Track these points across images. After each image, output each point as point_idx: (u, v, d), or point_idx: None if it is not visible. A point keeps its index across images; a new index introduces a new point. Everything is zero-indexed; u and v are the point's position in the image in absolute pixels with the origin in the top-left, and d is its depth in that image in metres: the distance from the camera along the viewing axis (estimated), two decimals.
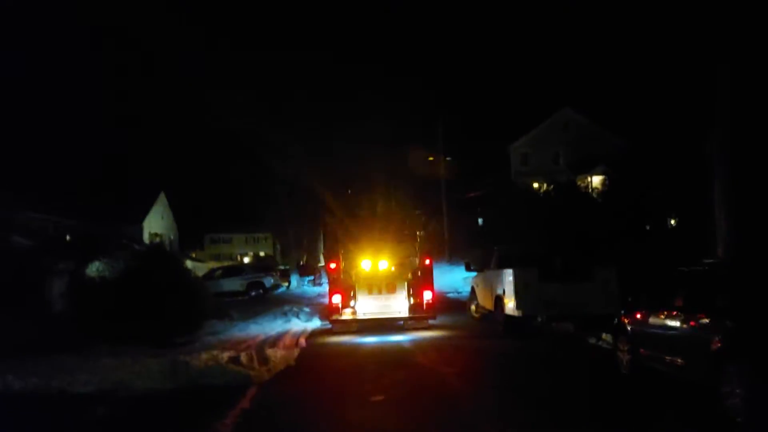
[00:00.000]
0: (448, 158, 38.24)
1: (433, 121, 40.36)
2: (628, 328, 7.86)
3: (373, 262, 14.22)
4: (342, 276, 14.11)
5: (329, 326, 13.99)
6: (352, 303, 13.67)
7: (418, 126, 41.94)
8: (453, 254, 39.38)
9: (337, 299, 13.60)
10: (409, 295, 13.74)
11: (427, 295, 13.67)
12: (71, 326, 11.99)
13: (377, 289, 13.60)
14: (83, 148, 38.86)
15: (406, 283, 13.79)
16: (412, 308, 13.69)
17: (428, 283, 13.89)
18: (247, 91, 29.24)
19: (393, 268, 14.19)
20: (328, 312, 14.18)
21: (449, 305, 18.58)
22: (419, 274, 14.14)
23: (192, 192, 51.59)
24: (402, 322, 13.63)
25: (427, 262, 14.39)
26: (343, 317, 13.57)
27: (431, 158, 39.01)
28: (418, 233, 15.28)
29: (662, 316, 7.06)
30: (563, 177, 30.21)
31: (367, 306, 13.52)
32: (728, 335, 5.79)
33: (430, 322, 13.80)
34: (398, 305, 13.55)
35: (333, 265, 14.43)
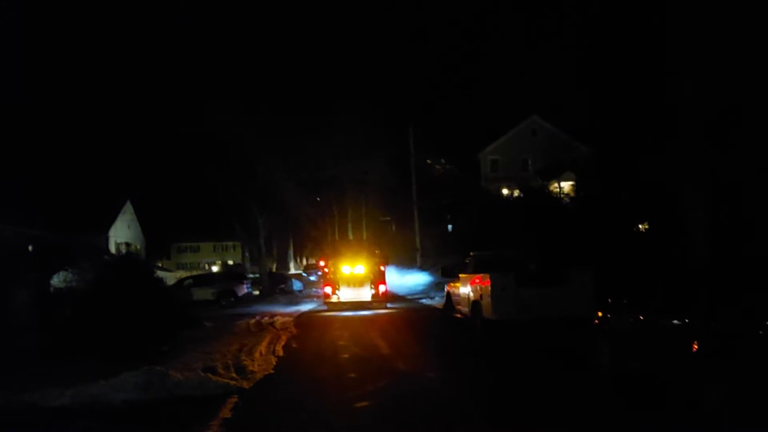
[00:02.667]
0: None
1: (403, 130, 40.57)
2: (608, 331, 7.98)
3: (351, 267, 21.47)
4: (331, 276, 21.81)
5: (324, 307, 21.75)
6: (337, 292, 21.32)
7: (388, 134, 41.99)
8: (424, 261, 39.50)
9: (328, 290, 21.61)
10: (371, 288, 21.25)
11: (382, 288, 21.40)
12: (39, 338, 11.61)
13: (352, 284, 21.23)
14: (44, 154, 37.76)
15: (369, 281, 21.29)
16: (373, 296, 21.19)
17: (383, 281, 21.58)
18: (215, 96, 28.84)
19: (362, 272, 21.35)
20: (324, 297, 22.12)
21: (407, 301, 25.32)
22: (378, 275, 21.49)
23: (159, 200, 50.62)
24: (369, 305, 20.81)
25: (382, 268, 21.85)
26: (332, 300, 21.34)
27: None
28: (376, 251, 23.08)
29: (643, 318, 7.18)
30: (532, 183, 30.63)
31: (346, 294, 21.22)
32: (708, 336, 5.92)
33: (388, 305, 21.28)
34: (365, 294, 21.15)
35: (327, 270, 22.50)
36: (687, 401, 6.21)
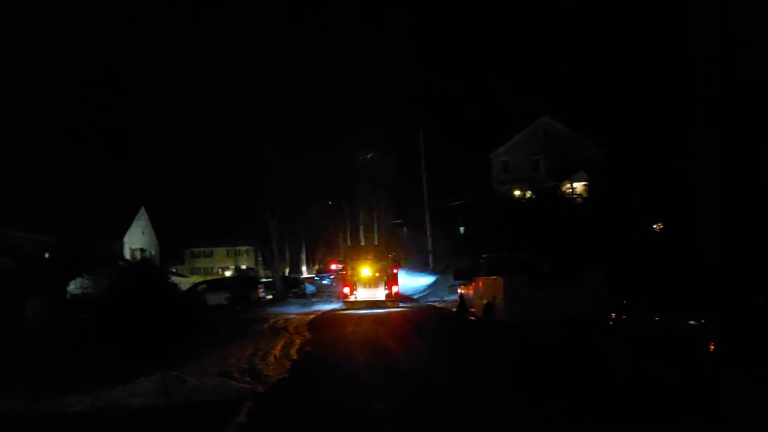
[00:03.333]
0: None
1: (414, 133, 40.59)
2: (623, 332, 7.94)
3: (367, 269, 24.13)
4: (348, 278, 24.56)
5: (343, 306, 24.35)
6: (354, 292, 23.90)
7: (399, 138, 42.03)
8: (436, 263, 39.41)
9: (347, 290, 24.23)
10: (385, 288, 23.76)
11: (394, 289, 24.10)
12: (56, 344, 11.75)
13: (368, 285, 23.90)
14: (60, 162, 38.14)
15: (383, 282, 23.83)
16: (387, 296, 23.68)
17: (395, 282, 24.27)
18: (226, 101, 29.01)
19: (376, 274, 24.02)
20: (342, 297, 24.82)
21: (419, 302, 27.43)
22: (391, 277, 24.06)
23: (172, 206, 50.98)
24: (383, 304, 23.28)
25: (395, 271, 24.56)
26: (351, 299, 23.82)
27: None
28: (389, 255, 25.86)
29: (658, 319, 7.15)
30: (544, 184, 30.43)
31: (363, 294, 23.78)
32: (725, 337, 5.88)
33: (400, 304, 23.89)
34: (379, 294, 23.70)
35: (345, 272, 25.64)
36: (703, 401, 6.17)
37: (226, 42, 29.64)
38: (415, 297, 30.36)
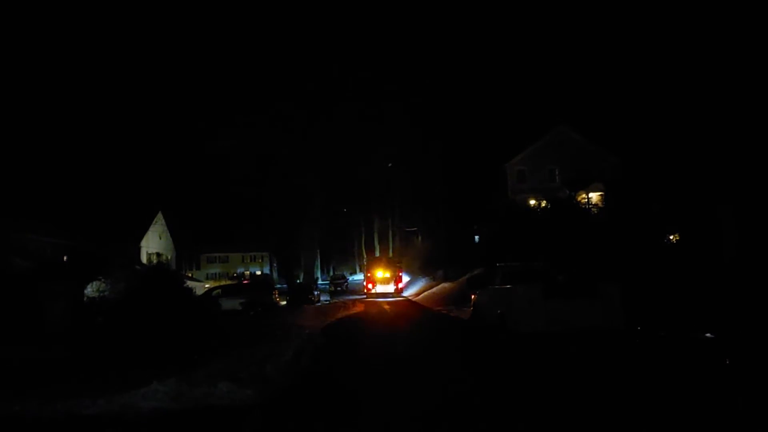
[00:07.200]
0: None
1: (429, 142, 40.70)
2: (638, 342, 7.86)
3: (381, 272, 37.30)
4: (370, 278, 37.39)
5: (365, 297, 36.05)
6: (374, 288, 36.88)
7: (415, 147, 42.08)
8: (451, 271, 39.28)
9: (370, 286, 37.49)
10: (393, 285, 37.16)
11: (399, 285, 38.10)
12: (72, 347, 11.89)
13: (383, 283, 37.13)
14: (79, 167, 38.68)
15: (393, 281, 37.23)
16: (394, 290, 37.08)
17: (400, 281, 38.21)
18: (242, 112, 29.34)
19: (388, 275, 37.15)
20: (365, 290, 37.81)
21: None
22: (398, 277, 37.50)
23: (189, 212, 51.47)
24: (392, 295, 35.75)
25: (400, 274, 38.39)
26: (371, 292, 36.74)
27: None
28: (398, 263, 38.51)
29: (675, 331, 7.07)
30: (559, 194, 30.28)
31: (379, 289, 36.87)
32: (741, 351, 5.81)
33: (402, 295, 36.39)
34: (390, 289, 36.94)
35: (368, 275, 38.30)
36: (720, 413, 6.08)
37: (249, 67, 29.96)
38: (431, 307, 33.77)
